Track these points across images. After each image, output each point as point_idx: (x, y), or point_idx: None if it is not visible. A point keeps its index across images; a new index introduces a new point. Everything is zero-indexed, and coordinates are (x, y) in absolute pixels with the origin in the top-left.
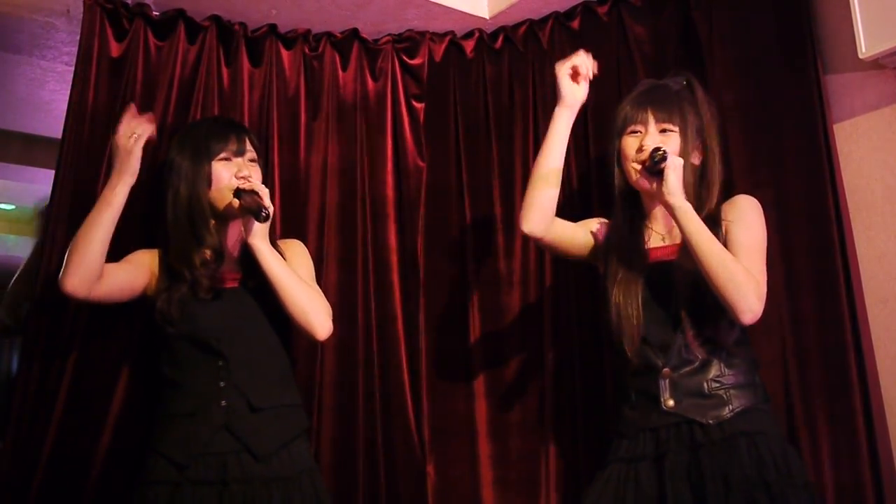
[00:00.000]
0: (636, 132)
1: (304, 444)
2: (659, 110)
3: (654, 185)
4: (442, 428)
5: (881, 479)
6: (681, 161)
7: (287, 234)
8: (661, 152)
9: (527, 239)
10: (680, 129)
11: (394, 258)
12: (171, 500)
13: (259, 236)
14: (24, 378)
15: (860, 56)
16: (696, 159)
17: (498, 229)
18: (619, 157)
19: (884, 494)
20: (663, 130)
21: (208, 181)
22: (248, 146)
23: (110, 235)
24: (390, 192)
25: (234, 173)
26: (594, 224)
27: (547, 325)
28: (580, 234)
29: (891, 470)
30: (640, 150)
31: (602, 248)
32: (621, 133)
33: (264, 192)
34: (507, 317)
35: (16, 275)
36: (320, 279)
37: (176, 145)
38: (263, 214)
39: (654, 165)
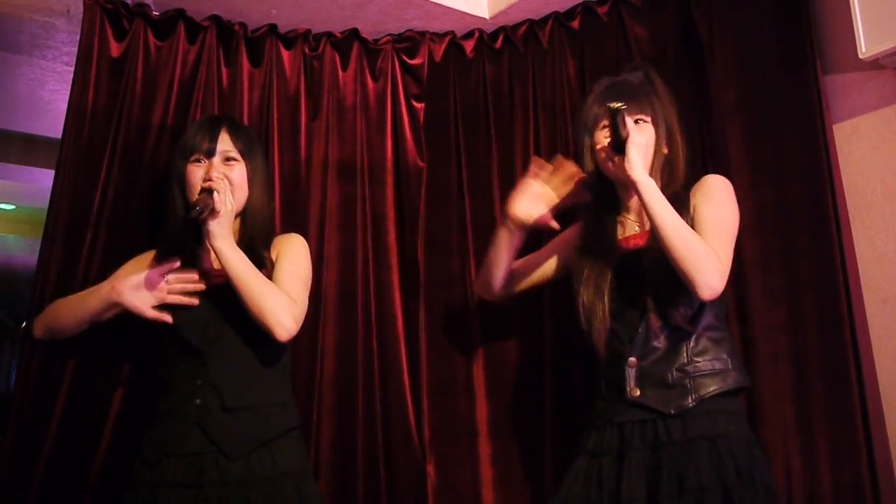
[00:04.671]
0: (609, 126)
1: (291, 444)
2: (630, 103)
3: (618, 161)
4: (442, 428)
5: (880, 479)
6: (643, 140)
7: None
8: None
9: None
10: (652, 119)
11: (394, 258)
12: (149, 501)
13: (217, 237)
14: (24, 378)
15: (860, 56)
16: (666, 149)
17: None
18: (592, 151)
19: (882, 494)
20: (636, 121)
21: (180, 183)
22: (224, 144)
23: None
24: (390, 192)
25: (202, 176)
26: (557, 242)
27: (547, 325)
28: (547, 265)
29: (889, 470)
30: None
31: (577, 248)
32: (592, 129)
33: (222, 191)
34: (507, 317)
35: None
36: (320, 279)
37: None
38: (196, 212)
39: (617, 135)
